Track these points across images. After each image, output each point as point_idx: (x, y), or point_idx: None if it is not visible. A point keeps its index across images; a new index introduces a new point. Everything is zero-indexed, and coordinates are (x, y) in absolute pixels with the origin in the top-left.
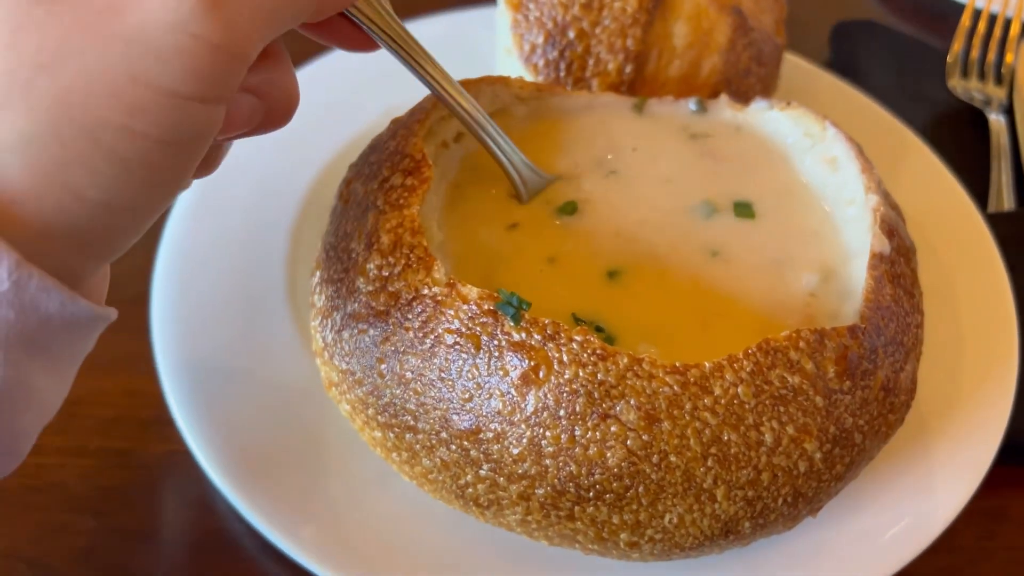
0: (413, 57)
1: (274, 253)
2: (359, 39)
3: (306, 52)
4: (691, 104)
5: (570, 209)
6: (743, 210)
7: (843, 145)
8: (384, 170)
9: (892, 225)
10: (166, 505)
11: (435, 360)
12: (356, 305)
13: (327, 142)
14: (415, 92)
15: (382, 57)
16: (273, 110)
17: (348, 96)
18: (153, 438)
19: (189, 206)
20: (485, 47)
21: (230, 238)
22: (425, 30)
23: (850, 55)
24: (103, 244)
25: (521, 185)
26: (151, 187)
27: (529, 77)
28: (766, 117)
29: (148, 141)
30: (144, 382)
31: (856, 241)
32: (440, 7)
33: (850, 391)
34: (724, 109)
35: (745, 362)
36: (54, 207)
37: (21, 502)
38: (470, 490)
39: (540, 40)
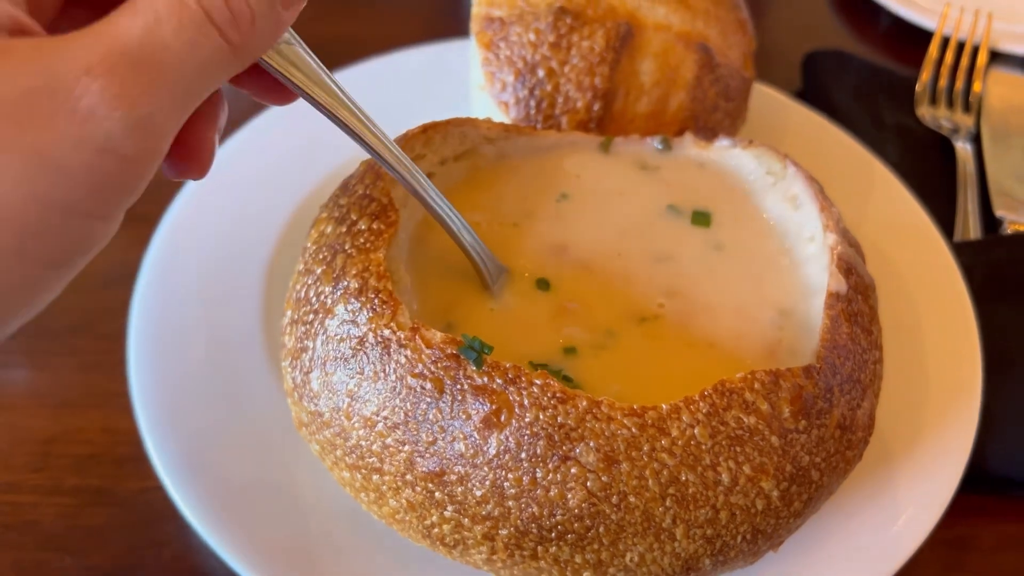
0: (339, 113)
1: (249, 291)
2: (278, 90)
3: None
4: (656, 143)
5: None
6: (700, 218)
7: (803, 184)
8: (352, 213)
9: (850, 263)
10: (142, 543)
11: (398, 402)
12: (324, 347)
13: (303, 180)
14: (392, 128)
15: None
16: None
17: (323, 135)
18: (129, 475)
19: (166, 244)
20: (464, 78)
21: (206, 276)
22: (406, 61)
23: (820, 84)
24: None
25: (482, 264)
26: (33, 303)
27: (500, 114)
28: (729, 155)
29: (39, 264)
30: (120, 419)
31: (816, 278)
32: (420, 39)
33: (806, 430)
34: (689, 147)
35: (701, 403)
36: None
37: None
38: (436, 530)
39: (511, 78)
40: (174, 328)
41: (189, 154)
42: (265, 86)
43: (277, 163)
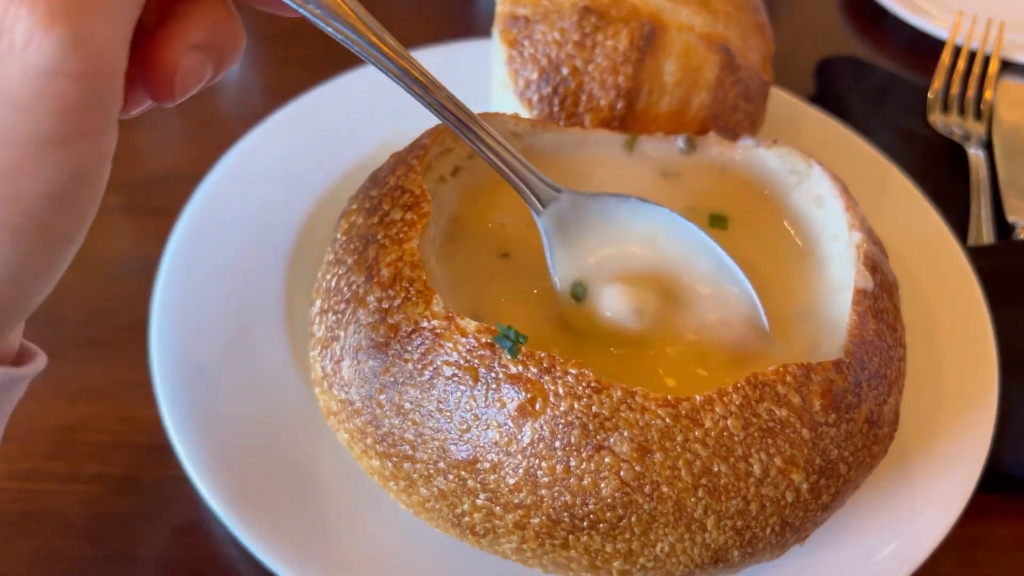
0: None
1: (272, 281)
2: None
3: (301, 84)
4: (680, 141)
5: None
6: (717, 221)
7: (828, 183)
8: (384, 204)
9: (875, 261)
10: (162, 531)
11: (433, 391)
12: (356, 336)
13: (323, 173)
14: (410, 123)
15: (377, 89)
16: (221, 59)
17: (344, 128)
18: (149, 464)
19: (187, 234)
20: (481, 78)
21: (228, 266)
22: (421, 62)
23: (834, 90)
24: (15, 311)
25: (529, 194)
26: (52, 245)
27: (524, 111)
28: (753, 155)
29: (37, 199)
30: (140, 408)
31: (840, 276)
32: (433, 39)
33: (835, 423)
34: (712, 146)
35: (734, 395)
36: None
37: (17, 528)
38: (466, 519)
39: (535, 76)
40: (196, 317)
41: (151, 73)
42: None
43: (298, 156)
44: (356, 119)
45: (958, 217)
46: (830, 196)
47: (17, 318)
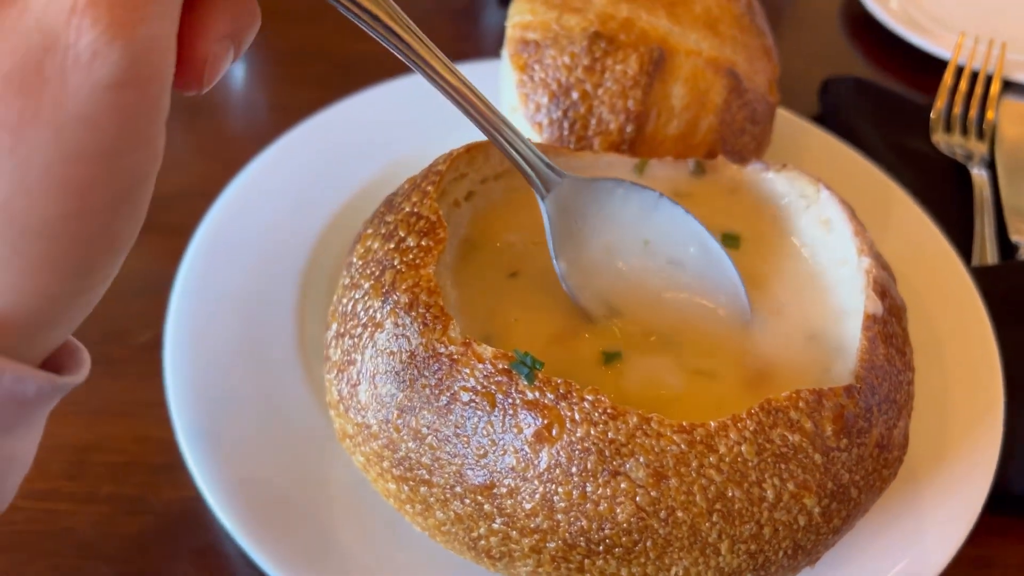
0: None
1: (284, 300)
2: None
3: (311, 102)
4: (690, 165)
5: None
6: (730, 240)
7: (836, 208)
8: (400, 231)
9: (884, 286)
10: (177, 551)
11: (451, 416)
12: (373, 361)
13: (335, 192)
14: (420, 142)
15: (387, 108)
16: (243, 37)
17: (354, 147)
18: (164, 484)
19: (200, 253)
20: (489, 98)
21: (241, 285)
22: (428, 83)
23: (838, 110)
24: (73, 321)
25: (535, 179)
26: (115, 249)
27: (534, 134)
28: (762, 179)
29: (104, 210)
30: (155, 428)
31: (849, 300)
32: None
33: (847, 448)
34: (722, 169)
35: (748, 421)
36: (30, 314)
37: (33, 548)
38: (483, 542)
39: (545, 100)
40: (210, 338)
41: (181, 66)
42: None
43: (310, 175)
44: (366, 138)
45: (962, 236)
46: (839, 220)
47: (73, 325)
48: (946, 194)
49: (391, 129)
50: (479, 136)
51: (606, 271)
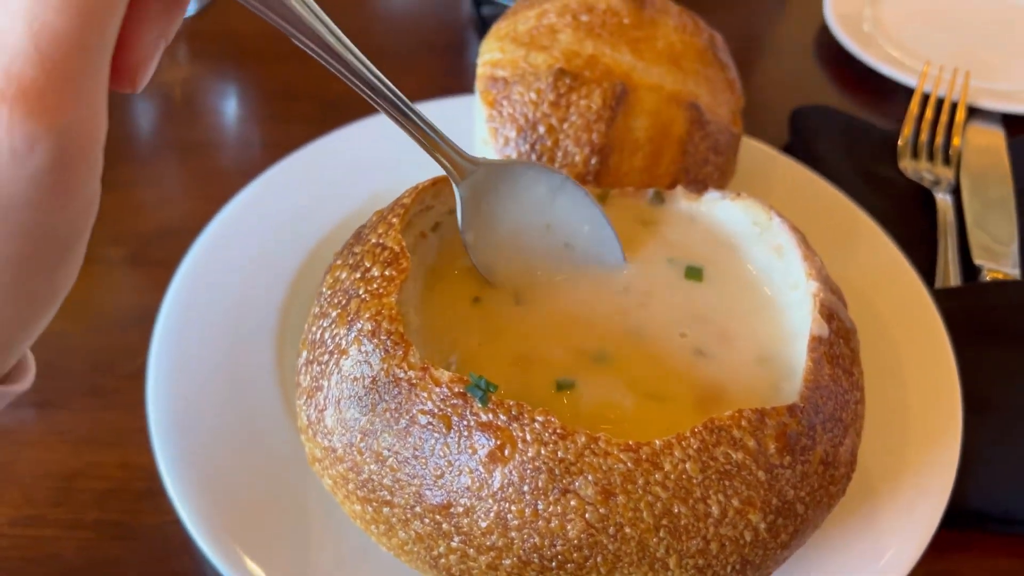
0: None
1: (264, 332)
2: None
3: (298, 139)
4: (649, 195)
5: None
6: (693, 273)
7: (787, 234)
8: (366, 261)
9: (832, 309)
10: (160, 574)
11: (409, 439)
12: (338, 387)
13: (315, 226)
14: (399, 177)
15: (367, 144)
16: (170, 31)
17: (335, 182)
18: (147, 510)
19: (183, 286)
20: (467, 131)
21: (222, 317)
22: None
23: (807, 138)
24: (19, 347)
25: (449, 165)
26: (55, 295)
27: None
28: (718, 207)
29: (45, 272)
30: (137, 455)
31: (799, 323)
32: (425, 94)
33: (790, 465)
34: (680, 200)
35: (692, 440)
36: None
37: (19, 574)
38: (443, 560)
39: (513, 134)
40: (191, 367)
41: (115, 72)
42: None
43: (291, 210)
44: (346, 174)
45: (927, 260)
46: (789, 246)
47: (21, 350)
48: (912, 219)
49: (372, 163)
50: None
51: (512, 252)
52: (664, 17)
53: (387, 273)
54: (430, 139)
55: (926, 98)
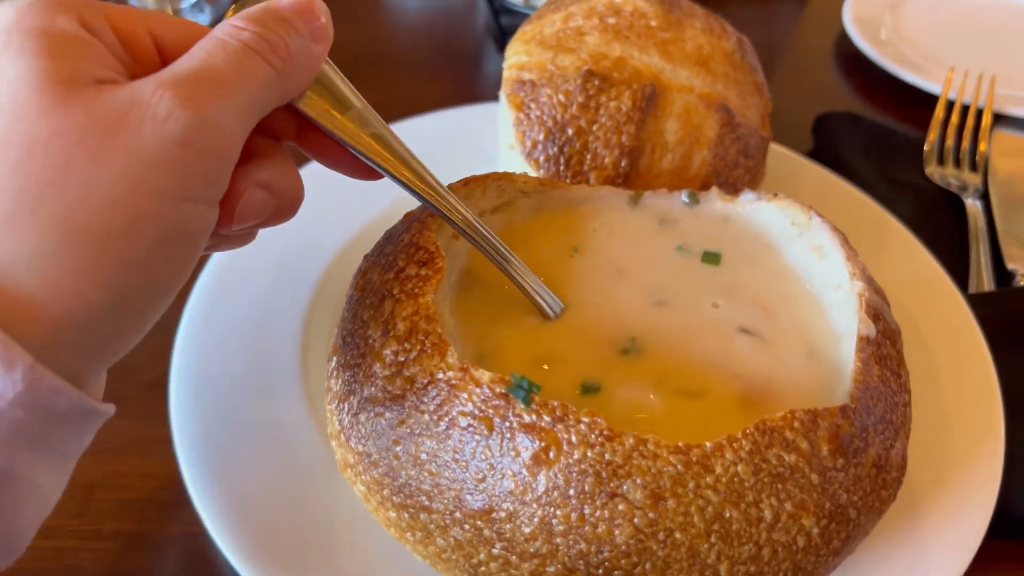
0: (401, 172)
1: (288, 337)
2: (358, 166)
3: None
4: (683, 196)
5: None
6: (710, 258)
7: (828, 234)
8: (399, 261)
9: (877, 309)
10: None
11: (449, 442)
12: (373, 389)
13: (338, 231)
14: None
15: None
16: (281, 204)
17: (358, 187)
18: (168, 520)
19: (205, 292)
20: (489, 140)
21: (245, 323)
22: (432, 125)
23: (831, 144)
24: (109, 346)
25: (542, 302)
26: (153, 287)
27: (531, 170)
28: (754, 208)
29: (149, 243)
30: (158, 465)
31: (843, 323)
32: (445, 102)
33: (843, 468)
34: (715, 200)
35: (744, 442)
36: (65, 314)
37: None
38: (483, 568)
39: (541, 137)
40: (215, 374)
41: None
42: (345, 161)
43: (314, 213)
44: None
45: (958, 266)
46: (831, 246)
47: (109, 354)
48: (941, 224)
49: None
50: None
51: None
52: (691, 20)
53: (422, 272)
54: (524, 276)
55: (951, 104)
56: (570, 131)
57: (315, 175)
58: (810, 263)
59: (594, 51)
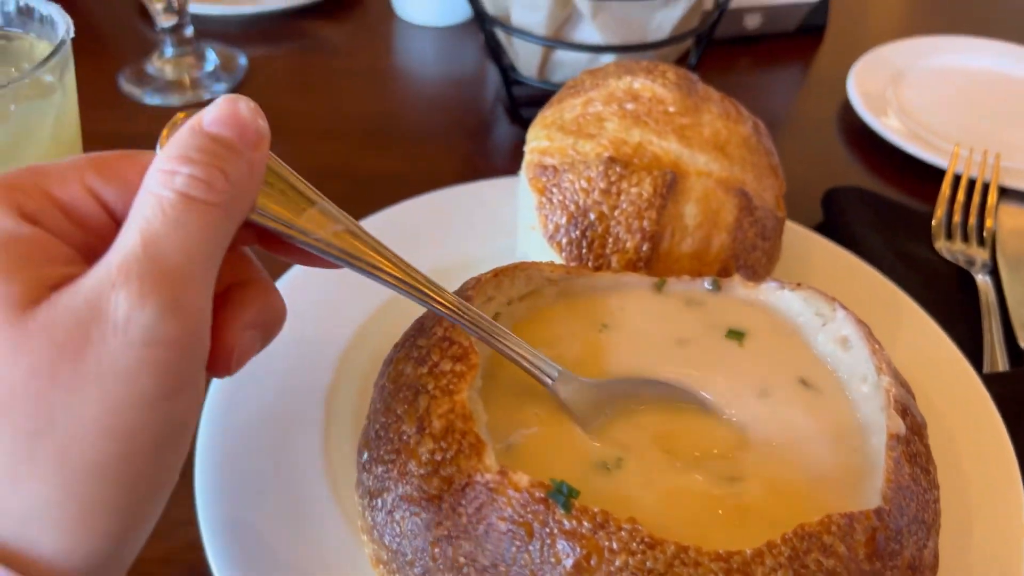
0: (371, 265)
1: (310, 422)
2: (314, 257)
3: None
4: (706, 283)
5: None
6: (734, 335)
7: (853, 327)
8: (433, 355)
9: (905, 405)
10: None
11: (488, 546)
12: (408, 488)
13: (358, 308)
14: (446, 257)
15: (411, 224)
16: (269, 330)
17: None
18: None
19: (226, 381)
20: (507, 212)
21: (268, 406)
22: (450, 199)
23: (841, 219)
24: (130, 553)
25: (535, 371)
26: (158, 483)
27: (553, 253)
28: (778, 296)
29: (147, 452)
30: (184, 551)
31: (871, 417)
32: (458, 174)
33: (880, 571)
34: (738, 288)
35: (783, 547)
36: (85, 556)
37: None
38: None
39: (563, 221)
40: (238, 458)
41: (211, 352)
42: (315, 259)
43: (334, 292)
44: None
45: (970, 342)
46: (856, 339)
47: (133, 551)
48: (952, 300)
49: (413, 243)
50: (502, 251)
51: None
52: (708, 104)
53: (457, 368)
54: (516, 357)
55: (957, 179)
56: (592, 216)
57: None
58: (835, 353)
59: (614, 137)
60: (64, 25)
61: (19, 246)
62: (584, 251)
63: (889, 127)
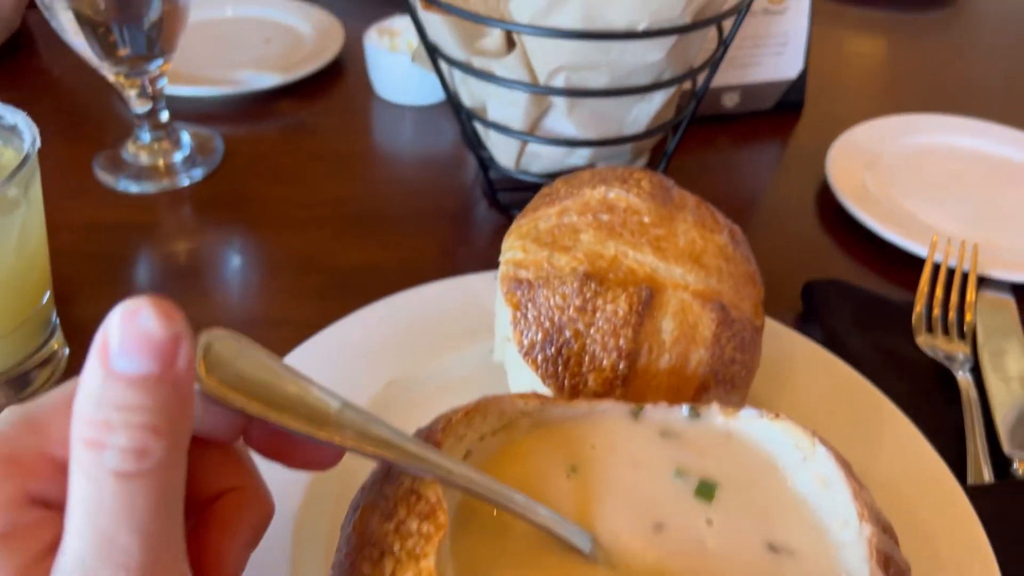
0: (363, 446)
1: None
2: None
3: (310, 317)
4: (683, 410)
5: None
6: (705, 490)
7: (833, 465)
8: (400, 510)
9: (888, 554)
10: None
11: None
12: None
13: None
14: (417, 362)
15: (382, 328)
16: (261, 534)
17: (350, 368)
18: None
19: None
20: (485, 314)
21: None
22: (434, 293)
23: (820, 312)
24: None
25: (569, 537)
26: None
27: (528, 370)
28: (756, 425)
29: None
30: None
31: (854, 564)
32: (437, 264)
33: None
34: (716, 415)
35: None
36: None
37: None
38: None
39: (539, 337)
40: None
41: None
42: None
43: None
44: (362, 359)
45: (954, 448)
46: (836, 479)
47: None
48: (936, 399)
49: (388, 347)
50: (468, 355)
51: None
52: (683, 213)
53: (424, 529)
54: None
55: (936, 269)
56: (568, 333)
57: (303, 356)
58: (817, 492)
59: (589, 250)
60: (31, 136)
61: (22, 541)
62: (560, 369)
63: (867, 211)
